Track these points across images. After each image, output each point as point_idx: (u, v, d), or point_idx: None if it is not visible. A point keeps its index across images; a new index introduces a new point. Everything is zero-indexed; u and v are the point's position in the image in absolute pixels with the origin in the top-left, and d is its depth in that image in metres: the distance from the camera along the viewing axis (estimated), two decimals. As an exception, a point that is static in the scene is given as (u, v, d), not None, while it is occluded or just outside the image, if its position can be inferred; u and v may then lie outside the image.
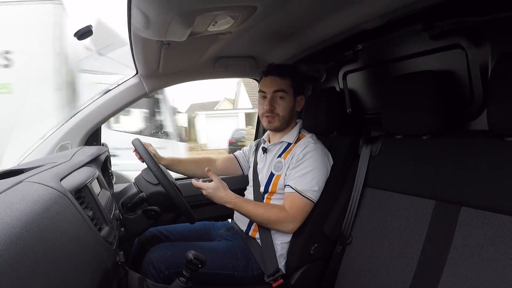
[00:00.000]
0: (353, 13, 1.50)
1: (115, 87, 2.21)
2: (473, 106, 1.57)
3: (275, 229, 1.76)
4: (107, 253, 0.99)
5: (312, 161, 1.74)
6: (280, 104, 1.85)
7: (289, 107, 1.87)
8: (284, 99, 1.85)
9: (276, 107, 1.85)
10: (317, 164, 1.75)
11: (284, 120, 1.87)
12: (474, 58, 1.54)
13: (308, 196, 1.71)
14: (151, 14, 1.11)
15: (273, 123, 1.87)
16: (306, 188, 1.71)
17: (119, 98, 2.20)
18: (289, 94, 1.85)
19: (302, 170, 1.74)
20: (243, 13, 1.23)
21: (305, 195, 1.71)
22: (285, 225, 1.71)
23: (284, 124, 1.89)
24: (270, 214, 1.70)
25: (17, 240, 0.57)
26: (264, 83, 1.89)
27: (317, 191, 1.73)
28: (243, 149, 2.32)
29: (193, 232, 2.04)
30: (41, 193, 0.79)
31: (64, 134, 2.10)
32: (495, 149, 1.25)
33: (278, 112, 1.85)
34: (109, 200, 1.39)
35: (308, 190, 1.71)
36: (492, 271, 1.16)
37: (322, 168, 1.76)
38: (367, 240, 1.66)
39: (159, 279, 1.59)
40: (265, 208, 1.74)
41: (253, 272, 1.76)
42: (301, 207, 1.71)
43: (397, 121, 1.62)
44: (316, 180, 1.73)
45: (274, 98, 1.85)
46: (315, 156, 1.75)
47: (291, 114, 1.90)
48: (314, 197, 1.72)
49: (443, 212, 1.37)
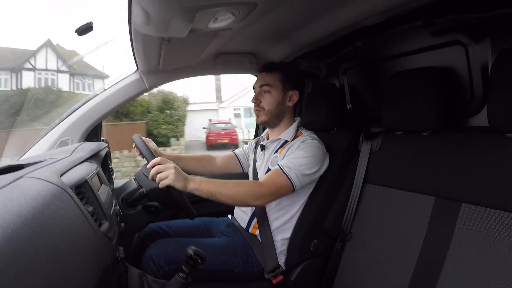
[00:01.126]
0: (354, 10, 1.50)
1: (116, 83, 2.21)
2: (473, 102, 1.57)
3: (247, 204, 1.72)
4: (107, 248, 1.00)
5: (307, 150, 1.73)
6: (265, 98, 1.88)
7: (276, 101, 1.88)
8: (269, 93, 1.87)
9: (262, 101, 1.88)
10: (311, 154, 1.72)
11: (270, 114, 1.89)
12: (474, 54, 1.53)
13: (289, 176, 1.65)
14: (151, 10, 1.11)
15: (260, 117, 1.91)
16: (292, 167, 1.68)
17: (120, 94, 2.20)
18: (275, 88, 1.87)
19: (294, 154, 1.73)
20: (244, 9, 1.23)
21: (287, 173, 1.66)
22: (255, 198, 1.62)
23: (273, 118, 1.90)
24: (242, 186, 1.63)
25: (17, 236, 0.57)
26: (256, 80, 1.95)
27: (302, 175, 1.68)
28: (243, 147, 2.32)
29: (193, 228, 2.04)
30: (41, 189, 0.79)
31: (64, 130, 2.10)
32: (495, 145, 1.25)
33: (263, 105, 1.88)
34: (109, 196, 1.39)
35: (292, 170, 1.67)
36: (492, 268, 1.16)
37: (316, 159, 1.73)
38: (367, 236, 1.66)
39: (159, 275, 1.60)
40: (235, 182, 1.66)
41: (253, 269, 1.76)
42: (278, 183, 1.66)
43: (397, 117, 1.62)
44: (305, 166, 1.69)
45: (260, 93, 1.89)
46: (311, 147, 1.74)
47: (280, 109, 1.90)
48: (295, 180, 1.66)
49: (443, 208, 1.37)
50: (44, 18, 44.32)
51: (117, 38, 2.17)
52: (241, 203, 1.67)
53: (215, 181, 1.57)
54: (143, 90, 2.26)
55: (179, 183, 1.48)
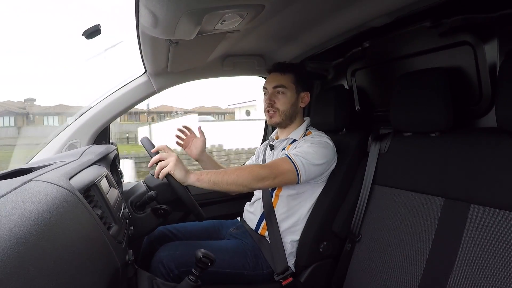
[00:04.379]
0: (361, 11, 1.50)
1: (124, 85, 2.22)
2: (481, 103, 1.56)
3: (250, 187, 1.63)
4: (116, 252, 0.99)
5: (315, 142, 1.74)
6: (280, 99, 1.88)
7: (290, 102, 1.89)
8: (284, 94, 1.88)
9: (276, 101, 1.89)
10: (319, 146, 1.72)
11: (285, 115, 1.89)
12: (482, 55, 1.53)
13: (295, 162, 1.64)
14: (159, 13, 1.11)
15: (274, 117, 1.91)
16: (298, 154, 1.66)
17: (128, 96, 2.21)
18: (289, 90, 1.88)
19: (301, 147, 1.73)
20: (251, 11, 1.23)
21: (293, 159, 1.64)
22: (258, 180, 1.59)
23: (286, 119, 1.91)
24: (243, 170, 1.59)
25: (26, 239, 0.57)
26: (267, 80, 1.95)
27: (308, 164, 1.66)
28: (252, 158, 2.33)
29: (202, 230, 2.04)
30: (50, 192, 0.79)
31: (73, 133, 2.12)
32: (504, 146, 1.24)
33: (278, 106, 1.88)
34: (118, 199, 1.39)
35: (298, 157, 1.65)
36: (502, 269, 1.15)
37: (325, 152, 1.72)
38: (376, 238, 1.65)
39: (168, 278, 1.60)
40: (236, 168, 1.65)
41: (262, 271, 1.76)
42: (282, 167, 1.64)
43: (405, 118, 1.61)
44: (312, 155, 1.67)
45: (274, 94, 1.90)
46: (319, 141, 1.75)
47: (293, 110, 1.91)
48: (300, 167, 1.64)
49: (452, 210, 1.36)
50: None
51: (125, 40, 2.17)
52: (244, 186, 1.60)
53: (215, 171, 1.57)
54: (151, 93, 2.26)
55: (179, 173, 1.48)
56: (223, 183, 1.53)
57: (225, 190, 1.57)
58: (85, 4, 79.38)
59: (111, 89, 2.21)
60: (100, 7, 75.09)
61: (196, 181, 1.51)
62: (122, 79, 2.23)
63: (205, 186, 1.53)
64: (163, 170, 1.48)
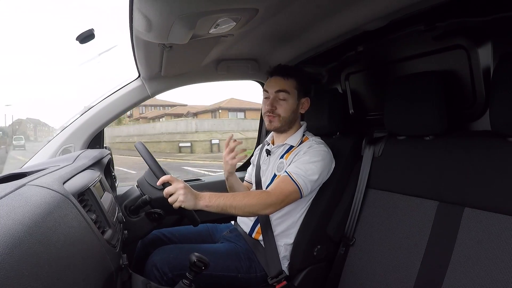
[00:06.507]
0: (355, 14, 1.50)
1: (117, 90, 2.21)
2: (475, 106, 1.57)
3: (257, 214, 1.68)
4: (110, 256, 0.99)
5: (314, 154, 1.72)
6: (281, 105, 1.83)
7: (291, 108, 1.85)
8: (286, 100, 1.83)
9: (278, 107, 1.83)
10: (319, 158, 1.71)
11: (285, 121, 1.85)
12: (476, 58, 1.54)
13: (297, 182, 1.65)
14: (153, 17, 1.12)
15: (273, 122, 1.86)
16: (299, 173, 1.67)
17: (122, 101, 2.20)
18: (291, 95, 1.84)
19: (302, 159, 1.72)
20: (245, 15, 1.23)
21: (295, 179, 1.65)
22: (265, 207, 1.61)
23: (285, 125, 1.88)
24: (252, 197, 1.61)
25: (20, 244, 0.57)
26: (268, 83, 1.89)
27: (310, 181, 1.67)
28: (248, 170, 2.31)
29: (196, 234, 2.03)
30: (44, 197, 0.79)
31: (67, 137, 2.11)
32: (498, 149, 1.25)
33: (279, 112, 1.83)
34: (112, 203, 1.39)
35: (300, 176, 1.66)
36: (496, 272, 1.16)
37: (323, 163, 1.72)
38: (370, 241, 1.66)
39: (162, 282, 1.59)
40: (244, 194, 1.65)
41: (256, 274, 1.76)
42: (287, 190, 1.64)
43: (400, 122, 1.62)
44: (313, 171, 1.68)
45: (276, 98, 1.84)
46: (318, 152, 1.73)
47: (294, 116, 1.88)
48: (303, 186, 1.65)
49: (446, 213, 1.37)
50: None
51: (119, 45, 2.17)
52: (251, 214, 1.65)
53: (224, 195, 1.57)
54: (145, 97, 2.25)
55: (189, 203, 1.50)
56: (231, 209, 1.55)
57: (233, 215, 1.60)
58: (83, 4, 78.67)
59: (105, 93, 2.21)
60: (100, 7, 74.63)
61: (205, 207, 1.53)
62: (116, 83, 2.23)
63: (213, 211, 1.55)
64: (174, 204, 1.50)
